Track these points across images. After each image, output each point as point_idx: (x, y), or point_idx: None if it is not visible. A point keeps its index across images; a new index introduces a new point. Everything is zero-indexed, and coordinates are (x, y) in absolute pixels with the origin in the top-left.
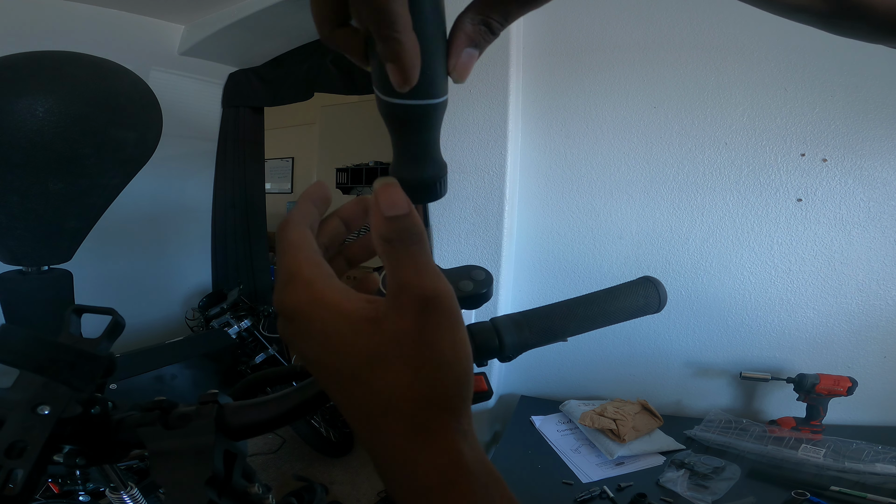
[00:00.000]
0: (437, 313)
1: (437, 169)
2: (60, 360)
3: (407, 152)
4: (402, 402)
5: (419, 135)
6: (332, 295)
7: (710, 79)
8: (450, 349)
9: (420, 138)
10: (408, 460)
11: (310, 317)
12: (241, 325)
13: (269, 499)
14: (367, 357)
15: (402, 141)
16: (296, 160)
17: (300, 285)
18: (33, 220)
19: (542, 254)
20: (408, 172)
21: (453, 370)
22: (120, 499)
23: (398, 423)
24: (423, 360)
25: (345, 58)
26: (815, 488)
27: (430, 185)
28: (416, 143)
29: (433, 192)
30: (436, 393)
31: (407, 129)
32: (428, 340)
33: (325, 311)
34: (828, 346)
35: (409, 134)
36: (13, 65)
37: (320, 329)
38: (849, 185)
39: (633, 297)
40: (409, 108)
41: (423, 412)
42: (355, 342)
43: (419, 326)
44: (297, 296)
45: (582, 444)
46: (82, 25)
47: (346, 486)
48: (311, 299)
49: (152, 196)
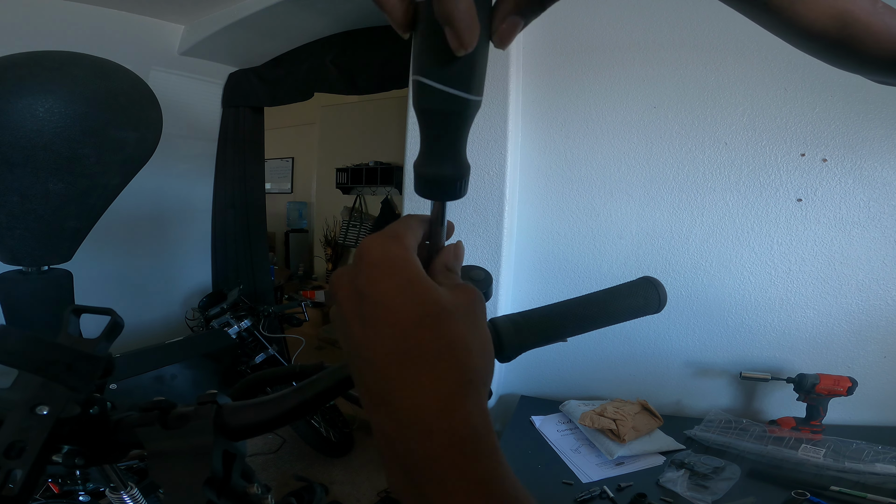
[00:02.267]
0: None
1: (462, 168)
2: (58, 360)
3: (435, 148)
4: None
5: (450, 130)
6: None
7: (710, 79)
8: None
9: (450, 134)
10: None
11: (402, 264)
12: (241, 325)
13: (269, 499)
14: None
15: (433, 135)
16: (296, 160)
17: (403, 243)
18: (33, 220)
19: (542, 254)
20: (431, 168)
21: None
22: (120, 499)
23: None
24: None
25: (345, 58)
26: (815, 488)
27: (452, 183)
28: (446, 138)
29: (454, 191)
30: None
31: (441, 122)
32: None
33: (417, 268)
34: (828, 346)
35: (441, 127)
36: (13, 65)
37: (408, 274)
38: (849, 185)
39: (632, 297)
40: (449, 98)
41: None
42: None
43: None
44: (398, 248)
45: (582, 444)
46: (82, 25)
47: (346, 486)
48: (408, 256)
49: (152, 196)
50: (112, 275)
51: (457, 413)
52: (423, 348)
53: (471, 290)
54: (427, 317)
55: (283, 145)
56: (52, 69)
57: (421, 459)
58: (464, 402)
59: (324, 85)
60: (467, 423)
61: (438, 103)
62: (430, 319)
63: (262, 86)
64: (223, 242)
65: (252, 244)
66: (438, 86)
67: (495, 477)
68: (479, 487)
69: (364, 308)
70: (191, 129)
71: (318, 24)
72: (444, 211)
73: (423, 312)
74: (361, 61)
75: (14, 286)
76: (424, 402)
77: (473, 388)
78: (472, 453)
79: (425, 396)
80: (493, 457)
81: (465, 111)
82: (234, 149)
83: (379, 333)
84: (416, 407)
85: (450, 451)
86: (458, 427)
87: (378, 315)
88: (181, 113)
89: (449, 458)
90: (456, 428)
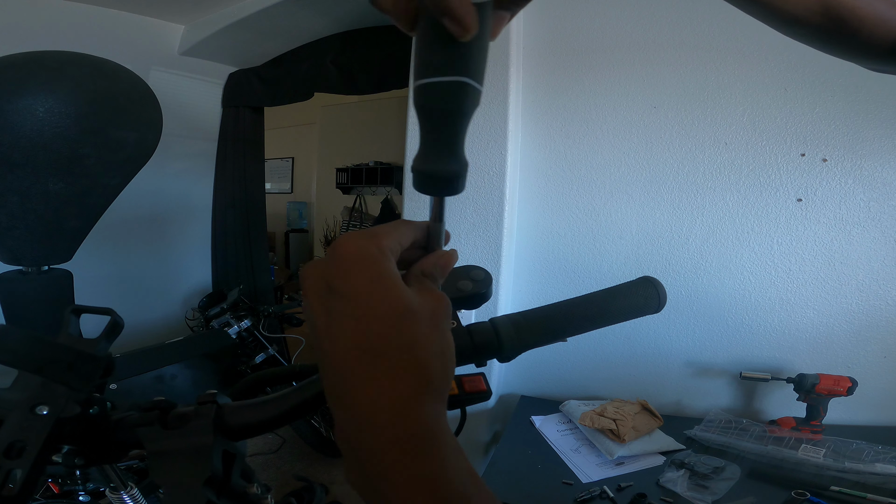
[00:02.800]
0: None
1: (460, 164)
2: (58, 360)
3: (434, 143)
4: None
5: (449, 124)
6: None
7: (710, 79)
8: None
9: (450, 128)
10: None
11: (373, 262)
12: (241, 325)
13: (268, 499)
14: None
15: (433, 130)
16: (296, 160)
17: (378, 242)
18: (33, 220)
19: (542, 254)
20: (431, 164)
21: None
22: (120, 499)
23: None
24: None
25: (345, 58)
26: (815, 488)
27: (452, 178)
28: (445, 133)
29: (453, 187)
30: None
31: (441, 115)
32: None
33: (388, 267)
34: (828, 346)
35: (441, 120)
36: (13, 65)
37: (378, 272)
38: (849, 185)
39: (632, 297)
40: (449, 86)
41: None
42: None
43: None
44: (372, 247)
45: (582, 444)
46: (82, 25)
47: (346, 486)
48: (381, 255)
49: (152, 196)
50: (112, 275)
51: (412, 412)
52: (385, 346)
53: (438, 296)
54: (392, 315)
55: (283, 145)
56: (52, 69)
57: (374, 455)
58: (420, 403)
59: (324, 85)
60: (421, 422)
61: (439, 94)
62: (394, 318)
63: (262, 86)
64: (223, 242)
65: (252, 244)
66: (438, 78)
67: (446, 476)
68: (427, 484)
69: (330, 301)
70: (191, 129)
71: (318, 24)
72: (443, 207)
73: (388, 310)
74: (361, 61)
75: (14, 286)
76: (380, 400)
77: (432, 390)
78: (423, 452)
79: (382, 394)
80: (447, 456)
81: (466, 99)
82: (234, 149)
83: (342, 327)
84: (372, 403)
85: (399, 448)
86: (410, 426)
87: (343, 309)
88: (181, 113)
89: (398, 455)
90: (409, 426)
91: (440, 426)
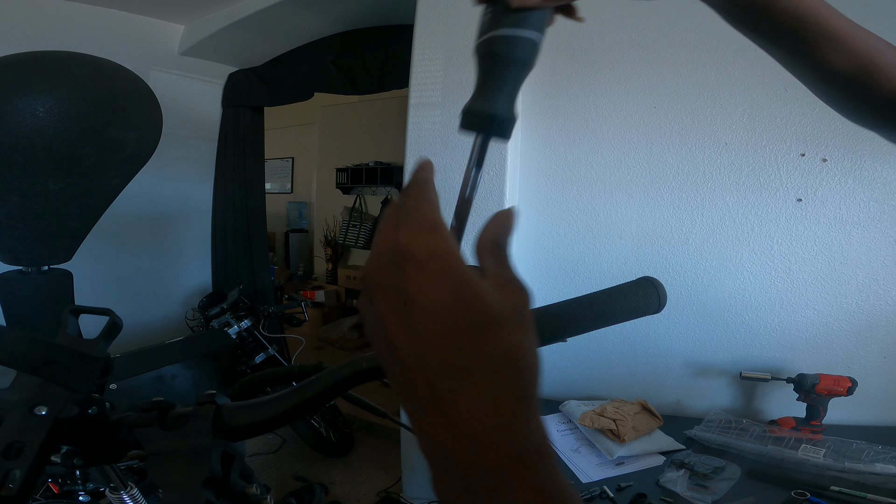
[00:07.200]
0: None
1: (515, 112)
2: (56, 360)
3: (498, 89)
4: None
5: (515, 73)
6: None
7: (710, 79)
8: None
9: (516, 77)
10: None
11: (450, 264)
12: (241, 325)
13: (268, 499)
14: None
15: (498, 77)
16: (296, 160)
17: (444, 235)
18: (33, 220)
19: (542, 254)
20: (492, 105)
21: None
22: (120, 499)
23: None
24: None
25: (345, 58)
26: (815, 488)
27: (510, 119)
28: (511, 81)
29: (504, 129)
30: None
31: (512, 65)
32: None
33: (464, 266)
34: (828, 346)
35: (510, 69)
36: (13, 65)
37: (458, 277)
38: (849, 185)
39: (632, 297)
40: (527, 41)
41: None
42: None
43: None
44: (442, 244)
45: (582, 444)
46: (82, 25)
47: (346, 486)
48: (454, 251)
49: (152, 196)
50: (112, 275)
51: (518, 425)
52: (480, 360)
53: (518, 289)
54: (481, 327)
55: (283, 145)
56: (52, 69)
57: (482, 471)
58: (526, 416)
59: (324, 85)
60: (527, 435)
61: (518, 45)
62: (483, 330)
63: (262, 86)
64: (223, 242)
65: (252, 244)
66: (519, 31)
67: (556, 489)
68: (540, 498)
69: (412, 316)
70: (191, 129)
71: (318, 24)
72: (485, 153)
73: (476, 322)
74: (361, 61)
75: (14, 286)
76: (484, 415)
77: (530, 398)
78: (534, 465)
79: (484, 409)
80: (553, 468)
81: (535, 55)
82: (234, 149)
83: (430, 343)
84: (475, 420)
85: (513, 464)
86: (519, 440)
87: (427, 324)
88: (181, 113)
89: (512, 471)
90: (517, 440)
91: (544, 436)
